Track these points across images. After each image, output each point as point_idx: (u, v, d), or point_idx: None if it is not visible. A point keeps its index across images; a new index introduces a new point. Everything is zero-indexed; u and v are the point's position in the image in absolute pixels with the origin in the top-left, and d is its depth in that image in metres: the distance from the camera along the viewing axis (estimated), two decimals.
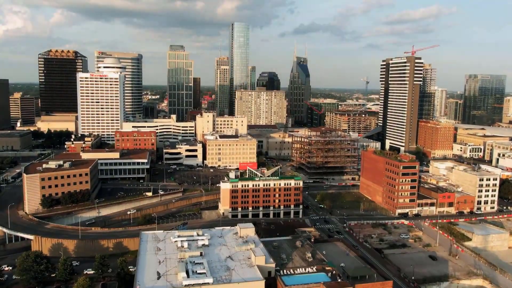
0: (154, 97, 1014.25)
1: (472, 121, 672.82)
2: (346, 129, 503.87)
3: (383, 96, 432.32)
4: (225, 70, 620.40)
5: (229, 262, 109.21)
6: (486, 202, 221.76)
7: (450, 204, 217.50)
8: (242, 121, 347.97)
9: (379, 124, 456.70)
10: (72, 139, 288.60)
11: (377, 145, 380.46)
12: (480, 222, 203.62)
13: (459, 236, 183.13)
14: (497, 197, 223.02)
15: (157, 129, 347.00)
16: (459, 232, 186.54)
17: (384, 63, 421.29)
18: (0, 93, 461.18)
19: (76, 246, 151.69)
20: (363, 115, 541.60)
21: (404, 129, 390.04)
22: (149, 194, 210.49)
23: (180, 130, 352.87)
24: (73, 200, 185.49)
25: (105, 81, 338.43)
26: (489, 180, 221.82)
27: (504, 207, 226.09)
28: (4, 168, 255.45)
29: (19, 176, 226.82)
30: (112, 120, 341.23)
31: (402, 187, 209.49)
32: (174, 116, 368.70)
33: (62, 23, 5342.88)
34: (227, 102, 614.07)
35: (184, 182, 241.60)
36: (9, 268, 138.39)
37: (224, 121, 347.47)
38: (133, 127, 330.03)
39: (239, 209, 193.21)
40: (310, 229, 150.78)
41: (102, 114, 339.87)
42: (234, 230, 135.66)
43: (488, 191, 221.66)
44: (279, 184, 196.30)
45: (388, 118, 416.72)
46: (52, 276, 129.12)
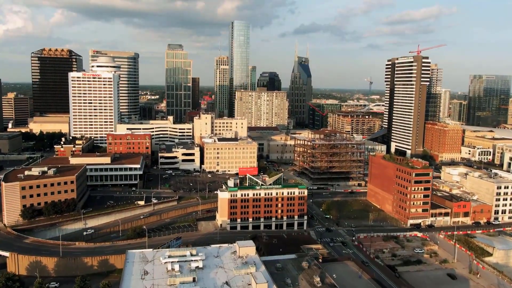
0: (153, 97, 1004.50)
1: (476, 123, 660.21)
2: (349, 131, 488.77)
3: (388, 97, 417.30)
4: (224, 70, 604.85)
5: None
6: (504, 212, 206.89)
7: (466, 214, 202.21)
8: (242, 123, 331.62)
9: (383, 126, 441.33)
10: (62, 142, 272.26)
11: (383, 148, 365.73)
12: (500, 234, 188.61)
13: (478, 250, 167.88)
14: None
15: (153, 131, 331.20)
16: (478, 246, 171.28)
17: (390, 63, 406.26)
18: None
19: (56, 264, 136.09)
20: (366, 116, 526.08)
21: (411, 132, 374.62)
22: (141, 203, 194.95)
23: (177, 132, 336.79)
24: (57, 210, 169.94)
25: (98, 81, 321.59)
26: (507, 188, 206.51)
27: None
28: None
29: None
30: (105, 122, 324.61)
31: (414, 196, 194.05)
32: (171, 118, 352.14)
33: (62, 23, 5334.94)
34: (226, 102, 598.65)
35: (179, 189, 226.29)
36: None
37: (223, 123, 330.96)
38: (127, 129, 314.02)
39: (239, 220, 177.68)
40: (317, 246, 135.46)
41: (95, 116, 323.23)
42: (233, 248, 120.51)
43: (506, 199, 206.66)
44: (282, 193, 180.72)
45: (393, 120, 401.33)
46: None
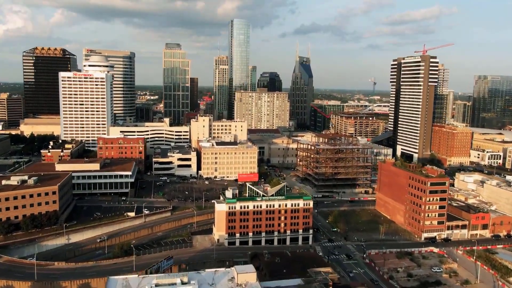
0: (153, 97, 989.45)
1: (481, 124, 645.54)
2: (352, 133, 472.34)
3: (394, 98, 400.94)
4: (224, 70, 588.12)
5: None
6: None
7: (485, 227, 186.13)
8: (241, 126, 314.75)
9: (388, 128, 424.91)
10: (50, 146, 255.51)
11: (389, 151, 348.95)
12: None
13: (502, 269, 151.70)
14: None
15: (148, 134, 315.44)
16: (501, 265, 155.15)
17: (395, 63, 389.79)
18: None
19: None
20: (370, 118, 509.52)
21: (418, 135, 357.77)
22: (131, 214, 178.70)
23: (173, 135, 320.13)
24: (36, 224, 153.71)
25: (90, 81, 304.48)
26: None
27: None
28: None
29: None
30: (97, 125, 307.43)
31: (429, 207, 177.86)
32: (167, 120, 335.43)
33: (62, 23, 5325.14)
34: (226, 103, 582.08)
35: (174, 198, 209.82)
36: None
37: (221, 126, 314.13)
38: (121, 132, 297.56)
39: (237, 235, 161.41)
40: (327, 269, 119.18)
41: (87, 118, 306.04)
42: (230, 274, 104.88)
43: None
44: (285, 205, 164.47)
45: (399, 122, 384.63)
46: None
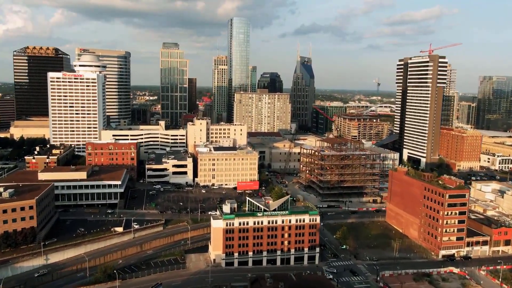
0: (152, 98, 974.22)
1: (486, 126, 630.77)
2: (356, 136, 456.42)
3: (399, 99, 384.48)
4: (223, 70, 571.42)
5: None
6: None
7: (507, 242, 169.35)
8: (241, 130, 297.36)
9: (394, 130, 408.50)
10: (36, 152, 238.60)
11: (395, 156, 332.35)
12: None
13: None
14: None
15: (143, 138, 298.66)
16: None
17: (402, 63, 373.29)
18: None
19: None
20: (374, 120, 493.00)
21: (426, 138, 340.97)
22: (119, 229, 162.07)
23: (169, 139, 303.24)
24: (10, 243, 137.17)
25: (81, 82, 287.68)
26: None
27: None
28: None
29: None
30: (88, 128, 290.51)
31: (447, 222, 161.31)
32: (162, 123, 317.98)
33: (62, 23, 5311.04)
34: (225, 105, 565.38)
35: (168, 209, 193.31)
36: None
37: (220, 129, 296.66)
38: (113, 136, 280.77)
39: (236, 254, 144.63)
40: None
41: (77, 121, 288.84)
42: None
43: None
44: (289, 221, 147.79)
45: (406, 125, 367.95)
46: None
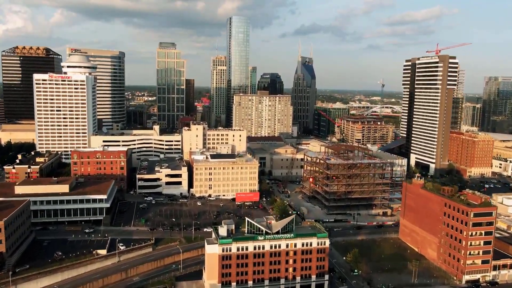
0: (151, 98, 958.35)
1: (492, 128, 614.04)
2: (360, 139, 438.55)
3: (406, 101, 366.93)
4: (222, 71, 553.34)
5: None
6: None
7: None
8: (240, 135, 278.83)
9: (401, 134, 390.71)
10: (18, 161, 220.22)
11: (403, 162, 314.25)
12: None
13: None
14: None
15: (135, 144, 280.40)
16: None
17: (409, 63, 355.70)
18: None
19: None
20: (378, 123, 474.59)
21: (435, 142, 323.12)
22: (103, 252, 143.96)
23: (163, 145, 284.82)
24: None
25: (68, 84, 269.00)
26: None
27: None
28: None
29: None
30: (77, 134, 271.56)
31: (471, 243, 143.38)
32: (157, 127, 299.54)
33: (62, 23, 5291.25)
34: (224, 107, 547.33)
35: (159, 226, 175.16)
36: None
37: (217, 135, 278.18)
38: (104, 141, 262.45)
39: (234, 284, 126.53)
40: None
41: (65, 126, 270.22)
42: None
43: None
44: (295, 245, 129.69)
45: (414, 128, 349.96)
46: None
